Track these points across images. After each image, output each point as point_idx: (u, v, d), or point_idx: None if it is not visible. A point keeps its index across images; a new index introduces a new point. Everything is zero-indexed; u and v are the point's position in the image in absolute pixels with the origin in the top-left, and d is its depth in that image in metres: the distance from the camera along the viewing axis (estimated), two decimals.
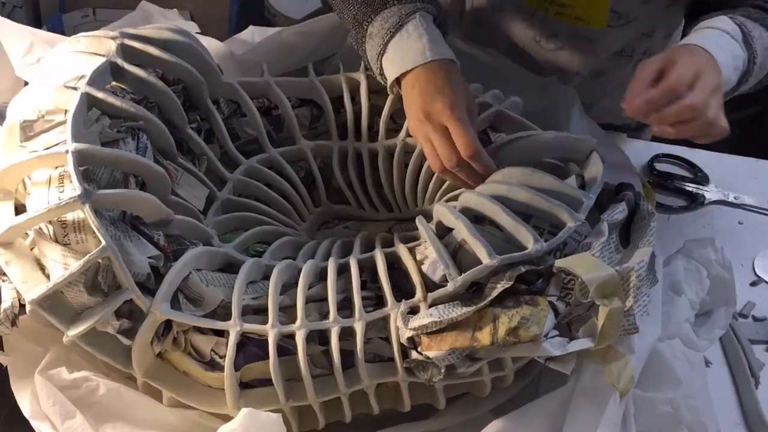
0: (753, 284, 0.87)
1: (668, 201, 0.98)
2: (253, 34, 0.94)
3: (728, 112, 0.69)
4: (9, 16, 1.59)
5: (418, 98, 0.70)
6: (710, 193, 0.98)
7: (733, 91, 0.76)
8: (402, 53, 0.73)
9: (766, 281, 0.87)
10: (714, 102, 0.67)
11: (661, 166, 1.03)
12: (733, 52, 0.72)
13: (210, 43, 0.84)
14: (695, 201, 0.97)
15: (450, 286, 0.59)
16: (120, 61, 0.68)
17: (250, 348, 0.60)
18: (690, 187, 0.99)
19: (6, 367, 0.64)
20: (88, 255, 0.56)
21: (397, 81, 0.74)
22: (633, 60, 1.01)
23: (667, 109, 0.65)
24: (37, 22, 1.76)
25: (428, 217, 0.70)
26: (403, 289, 0.63)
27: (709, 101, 0.66)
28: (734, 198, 0.98)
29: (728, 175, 1.01)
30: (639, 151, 1.04)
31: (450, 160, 0.68)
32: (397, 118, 0.84)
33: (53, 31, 0.86)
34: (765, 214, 0.96)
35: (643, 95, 0.65)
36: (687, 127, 0.66)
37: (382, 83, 0.77)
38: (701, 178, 1.01)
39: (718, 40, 0.72)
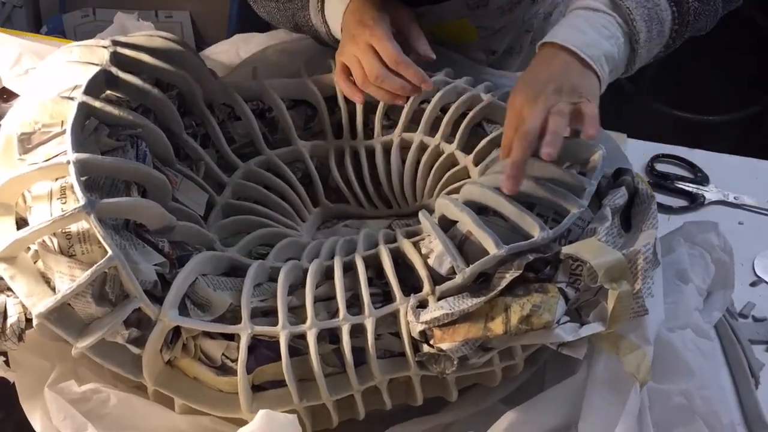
0: (753, 284, 0.89)
1: (668, 201, 1.01)
2: (237, 42, 0.96)
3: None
4: (9, 17, 1.63)
5: (347, 26, 0.82)
6: (710, 193, 1.02)
7: (633, 58, 0.74)
8: None
9: (766, 281, 0.89)
10: (549, 99, 0.67)
11: (661, 167, 1.06)
12: (596, 23, 0.72)
13: None
14: (695, 201, 1.01)
15: (458, 278, 0.62)
16: (114, 70, 0.71)
17: (261, 350, 0.63)
18: (690, 187, 1.03)
19: (12, 383, 0.66)
20: (96, 265, 0.58)
21: None
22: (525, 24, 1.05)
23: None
24: (37, 22, 1.79)
25: (428, 211, 0.73)
26: (408, 283, 0.66)
27: (536, 110, 0.66)
28: (734, 198, 1.01)
29: (728, 175, 1.04)
30: (639, 151, 1.07)
31: (372, 72, 0.78)
32: (392, 114, 0.87)
33: (54, 31, 0.88)
34: (765, 214, 0.99)
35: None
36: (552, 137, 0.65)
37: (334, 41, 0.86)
38: (701, 179, 1.04)
39: (574, 22, 0.73)
